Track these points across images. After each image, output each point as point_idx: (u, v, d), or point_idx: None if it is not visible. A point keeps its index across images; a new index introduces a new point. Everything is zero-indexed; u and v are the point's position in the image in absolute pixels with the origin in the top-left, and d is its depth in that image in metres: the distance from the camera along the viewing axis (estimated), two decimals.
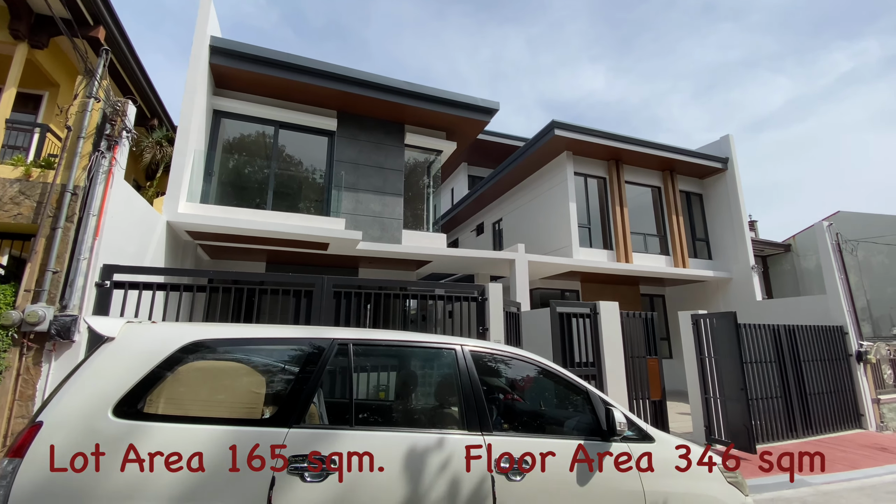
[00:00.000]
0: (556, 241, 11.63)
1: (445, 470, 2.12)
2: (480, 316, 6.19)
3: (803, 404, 8.23)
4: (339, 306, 5.56)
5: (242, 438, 1.90)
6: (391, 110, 9.46)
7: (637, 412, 6.88)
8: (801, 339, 8.65)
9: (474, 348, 2.57)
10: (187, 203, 7.33)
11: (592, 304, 7.02)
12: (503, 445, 2.29)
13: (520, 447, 2.33)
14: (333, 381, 2.28)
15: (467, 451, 2.20)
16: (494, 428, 2.38)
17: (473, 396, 2.37)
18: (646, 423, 2.84)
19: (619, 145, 11.43)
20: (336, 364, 2.27)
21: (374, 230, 9.17)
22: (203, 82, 7.80)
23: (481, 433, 2.29)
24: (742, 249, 12.10)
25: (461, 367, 2.45)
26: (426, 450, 2.13)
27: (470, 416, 2.33)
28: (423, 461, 2.10)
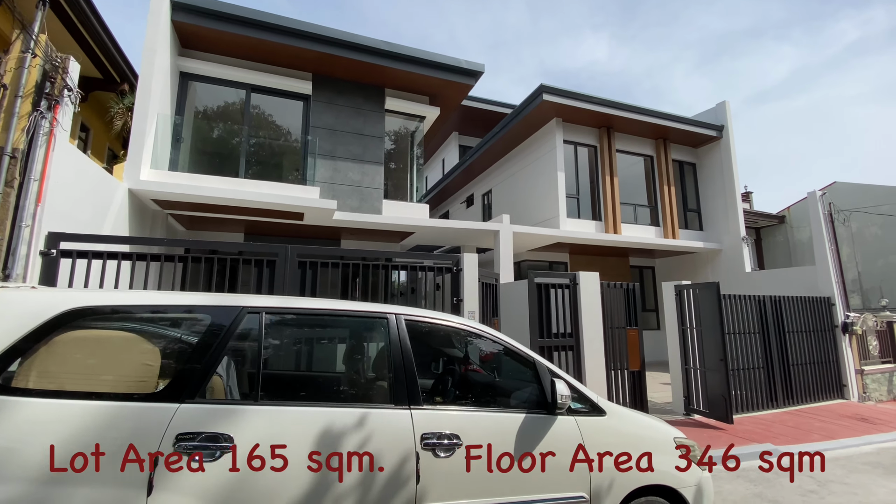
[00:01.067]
0: (543, 211, 11.36)
1: (364, 448, 1.95)
2: (455, 287, 6.00)
3: (786, 375, 8.18)
4: (304, 277, 5.34)
5: (124, 415, 1.71)
6: (370, 73, 8.99)
7: (615, 383, 6.80)
8: (788, 310, 8.53)
9: (410, 317, 2.36)
10: (152, 170, 7.01)
11: (572, 274, 6.83)
12: (432, 421, 2.11)
13: (452, 422, 2.15)
14: (257, 353, 2.06)
15: (391, 426, 2.03)
16: (427, 402, 2.20)
17: (404, 368, 2.18)
18: (599, 396, 2.67)
19: (611, 111, 10.99)
20: (252, 334, 2.06)
21: (352, 200, 8.87)
22: (165, 41, 7.33)
23: (409, 408, 2.11)
24: (734, 220, 11.85)
25: (393, 336, 2.25)
26: (344, 427, 1.95)
27: (398, 389, 2.14)
28: (338, 439, 1.93)
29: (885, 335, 10.31)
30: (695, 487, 2.61)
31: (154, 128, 7.07)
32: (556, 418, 2.40)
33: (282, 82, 8.69)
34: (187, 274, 4.80)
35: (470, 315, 5.91)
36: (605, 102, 10.87)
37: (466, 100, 15.57)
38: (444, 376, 3.44)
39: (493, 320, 6.68)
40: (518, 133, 12.05)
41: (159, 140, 7.27)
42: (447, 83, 9.34)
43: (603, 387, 6.59)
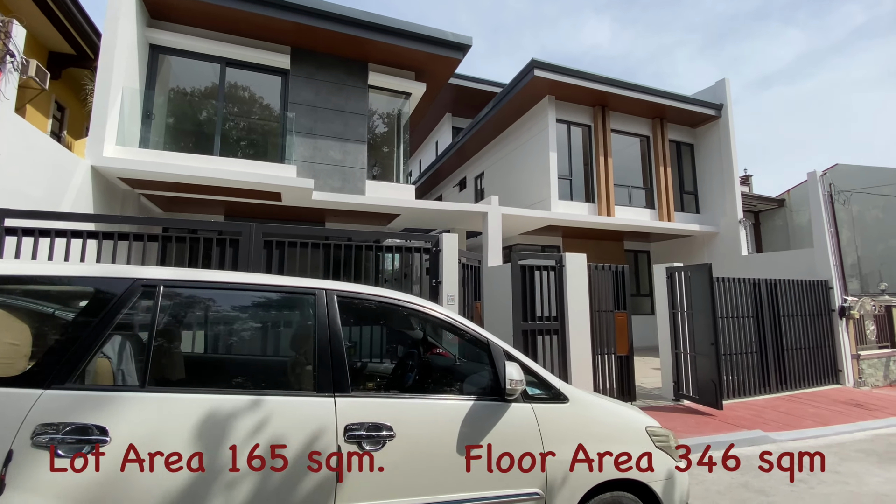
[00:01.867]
0: (535, 193, 11.02)
1: (274, 442, 1.69)
2: (434, 269, 5.72)
3: (779, 360, 7.96)
4: (270, 257, 5.06)
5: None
6: (352, 46, 8.57)
7: (601, 368, 6.58)
8: (783, 293, 8.27)
9: (344, 292, 2.08)
10: (118, 147, 6.67)
11: (558, 256, 6.55)
12: (361, 410, 1.85)
13: (385, 411, 1.89)
14: (150, 332, 1.78)
15: (309, 417, 1.77)
16: (361, 388, 1.94)
17: (331, 351, 1.91)
18: (562, 382, 2.40)
19: (605, 89, 10.57)
20: (145, 311, 1.78)
21: (334, 180, 8.54)
22: (129, 10, 6.93)
23: (333, 395, 1.84)
24: (731, 203, 11.52)
25: (321, 314, 1.97)
26: (249, 418, 1.69)
27: (322, 374, 1.87)
28: (241, 432, 1.66)
29: (884, 320, 10.06)
30: (666, 481, 2.36)
31: (119, 102, 6.70)
32: (510, 406, 2.13)
33: (259, 56, 8.28)
34: (145, 254, 4.52)
35: (449, 298, 5.65)
36: (599, 79, 10.44)
37: (459, 79, 15.15)
38: (404, 361, 3.18)
39: (475, 304, 6.42)
40: (510, 112, 11.63)
41: (126, 115, 6.92)
42: (433, 57, 8.92)
43: (589, 372, 6.37)
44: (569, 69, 10.00)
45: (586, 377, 6.34)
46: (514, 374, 1.98)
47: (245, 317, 2.19)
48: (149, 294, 1.77)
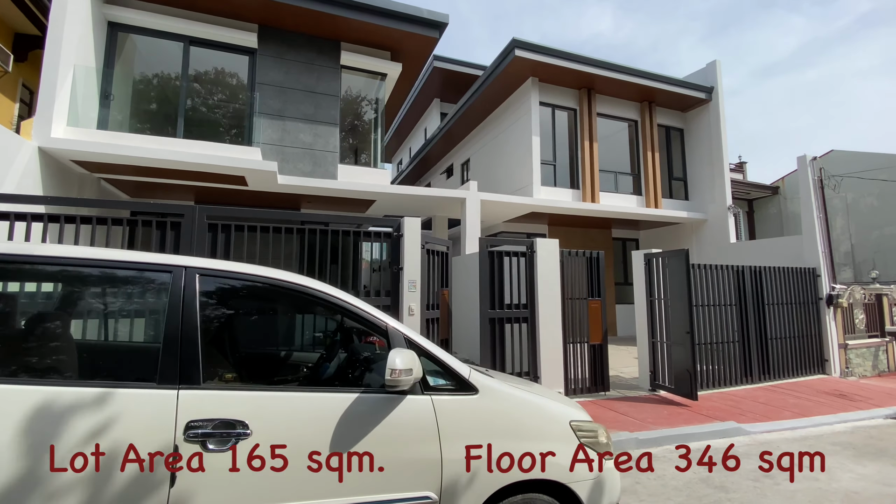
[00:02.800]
0: (518, 179, 10.71)
1: (104, 439, 1.44)
2: (395, 255, 5.46)
3: (763, 349, 7.73)
4: (214, 242, 4.79)
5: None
6: (322, 23, 8.20)
7: (574, 357, 6.34)
8: (769, 281, 8.01)
9: (208, 270, 1.82)
10: (70, 128, 6.37)
11: (529, 241, 6.28)
12: (210, 404, 1.60)
13: (241, 406, 1.64)
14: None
15: (143, 411, 1.52)
16: (217, 379, 1.69)
17: (181, 337, 1.65)
18: (476, 370, 2.14)
19: (592, 70, 10.20)
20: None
21: (304, 164, 8.24)
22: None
23: (177, 387, 1.59)
24: (720, 189, 11.20)
25: (175, 295, 1.71)
26: (66, 413, 1.44)
27: (167, 363, 1.61)
28: (54, 430, 1.42)
29: (873, 308, 9.81)
30: (592, 482, 2.12)
31: (70, 81, 6.39)
32: (405, 398, 1.88)
33: (224, 34, 7.92)
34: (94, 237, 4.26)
35: (410, 285, 5.40)
36: (584, 60, 10.07)
37: (447, 62, 14.76)
38: (328, 351, 2.93)
39: (442, 292, 6.16)
40: (493, 95, 11.27)
41: (79, 95, 6.61)
42: (408, 35, 8.56)
43: (560, 361, 6.14)
44: (551, 49, 9.63)
45: (556, 366, 6.11)
46: (396, 362, 1.72)
47: (88, 296, 1.93)
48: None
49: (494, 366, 5.93)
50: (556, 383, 6.08)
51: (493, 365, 5.92)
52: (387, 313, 5.19)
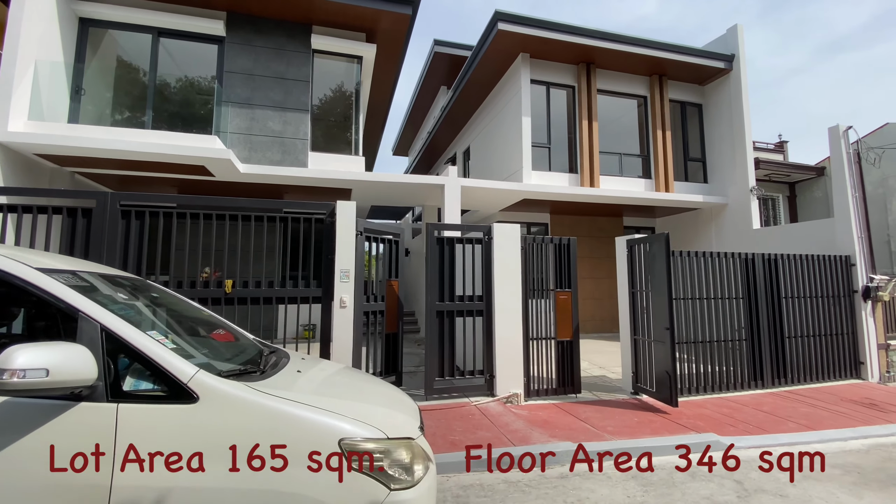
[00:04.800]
0: (509, 164, 10.02)
1: None
2: (330, 241, 5.06)
3: (777, 349, 6.70)
4: (128, 231, 4.58)
5: None
6: (290, 5, 7.91)
7: (537, 355, 5.69)
8: (788, 271, 6.94)
9: None
10: (31, 122, 6.42)
11: (486, 227, 5.68)
12: None
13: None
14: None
15: None
16: None
17: None
18: (204, 375, 1.67)
19: (589, 42, 9.32)
20: None
21: (273, 152, 8.01)
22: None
23: None
24: (742, 169, 9.97)
25: None
26: None
27: None
28: None
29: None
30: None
31: (31, 76, 6.44)
32: (76, 406, 1.45)
33: (192, 23, 7.81)
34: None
35: (343, 275, 4.98)
36: (580, 31, 9.21)
37: (448, 47, 14.17)
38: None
39: (390, 283, 5.70)
40: (485, 77, 10.60)
41: (43, 90, 6.67)
42: (379, 13, 8.11)
43: (519, 359, 5.52)
44: (540, 20, 8.85)
45: (515, 365, 5.50)
46: (12, 358, 1.28)
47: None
48: None
49: (442, 364, 5.41)
50: (514, 384, 5.47)
51: (441, 364, 5.40)
52: (318, 305, 4.74)
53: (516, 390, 5.43)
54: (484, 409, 5.06)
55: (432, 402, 5.19)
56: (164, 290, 2.91)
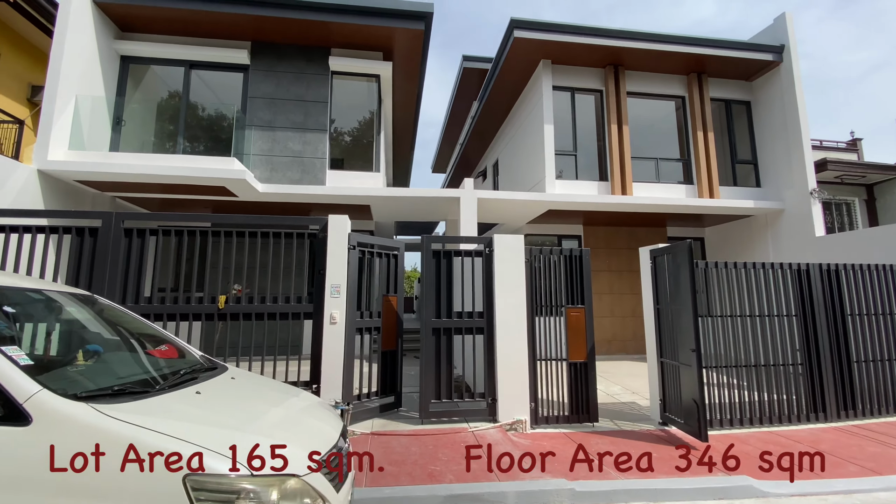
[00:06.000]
0: (534, 174, 9.61)
1: None
2: (321, 256, 4.98)
3: (843, 375, 5.70)
4: (130, 249, 4.75)
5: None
6: (309, 31, 8.20)
7: (549, 378, 5.20)
8: (854, 284, 5.96)
9: None
10: (71, 151, 7.01)
11: (487, 238, 5.35)
12: None
13: None
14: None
15: None
16: None
17: None
18: (39, 388, 1.51)
19: (615, 43, 8.82)
20: None
21: (293, 171, 8.21)
22: (87, 23, 7.32)
23: None
24: (799, 170, 8.86)
25: None
26: None
27: None
28: None
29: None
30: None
31: (72, 110, 7.06)
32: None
33: (221, 54, 8.29)
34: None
35: (333, 290, 4.86)
36: (603, 32, 8.75)
37: (476, 62, 14.10)
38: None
39: (387, 298, 5.50)
40: (508, 86, 10.35)
41: (84, 120, 7.27)
42: (393, 31, 8.17)
43: (525, 382, 5.08)
44: (556, 24, 8.51)
45: (520, 389, 5.05)
46: None
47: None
48: None
49: (439, 385, 5.08)
50: (519, 409, 5.02)
51: (438, 385, 5.07)
52: (309, 321, 4.63)
53: (521, 416, 4.97)
54: (481, 436, 4.65)
55: (427, 427, 4.86)
56: (113, 305, 2.90)
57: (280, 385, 2.89)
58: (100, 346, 2.60)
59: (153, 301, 4.71)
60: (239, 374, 2.78)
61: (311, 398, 2.75)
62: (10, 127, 8.73)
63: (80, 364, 2.30)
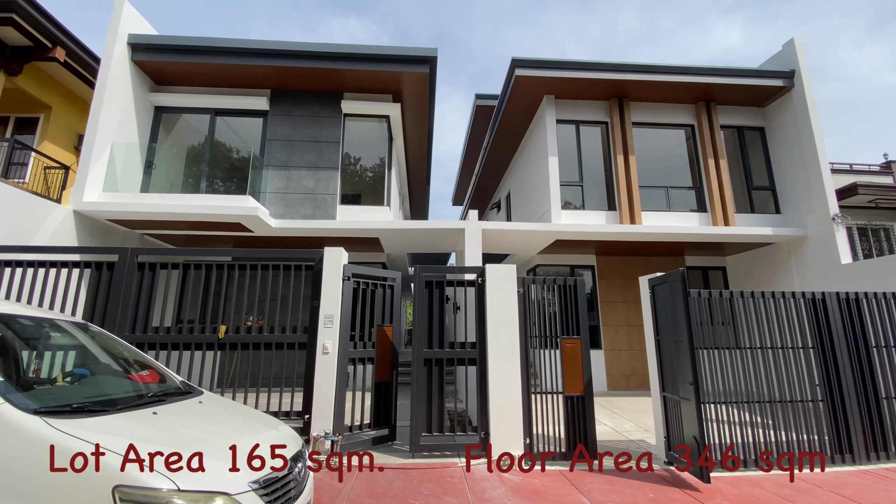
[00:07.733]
0: (541, 205, 9.67)
1: None
2: (316, 288, 5.17)
3: (869, 412, 5.28)
4: (141, 282, 5.09)
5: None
6: (323, 78, 8.79)
7: (545, 411, 5.07)
8: (876, 313, 5.60)
9: None
10: (105, 193, 7.63)
11: (480, 268, 5.41)
12: None
13: None
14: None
15: None
16: None
17: None
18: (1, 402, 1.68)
19: (619, 77, 8.98)
20: None
21: (305, 207, 8.61)
22: (125, 79, 8.13)
23: None
24: (820, 195, 8.54)
25: None
26: None
27: None
28: None
29: None
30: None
31: (108, 156, 7.75)
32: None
33: (243, 102, 8.98)
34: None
35: (326, 321, 5.01)
36: (604, 67, 8.94)
37: (487, 100, 14.59)
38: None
39: (381, 329, 5.58)
40: (514, 122, 10.63)
41: (118, 165, 7.95)
42: (400, 75, 8.65)
43: (518, 415, 4.97)
44: (556, 62, 8.77)
45: (513, 422, 4.95)
46: None
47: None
48: None
49: (430, 418, 5.04)
50: (513, 444, 4.89)
51: (429, 417, 5.03)
52: (303, 351, 4.78)
53: (515, 451, 4.84)
54: (470, 472, 4.54)
55: (416, 461, 4.79)
56: (104, 333, 3.12)
57: (251, 412, 2.99)
58: (87, 370, 2.82)
59: (159, 331, 4.99)
60: (211, 399, 2.91)
61: (278, 426, 2.82)
62: (57, 172, 9.62)
63: (59, 384, 2.49)
